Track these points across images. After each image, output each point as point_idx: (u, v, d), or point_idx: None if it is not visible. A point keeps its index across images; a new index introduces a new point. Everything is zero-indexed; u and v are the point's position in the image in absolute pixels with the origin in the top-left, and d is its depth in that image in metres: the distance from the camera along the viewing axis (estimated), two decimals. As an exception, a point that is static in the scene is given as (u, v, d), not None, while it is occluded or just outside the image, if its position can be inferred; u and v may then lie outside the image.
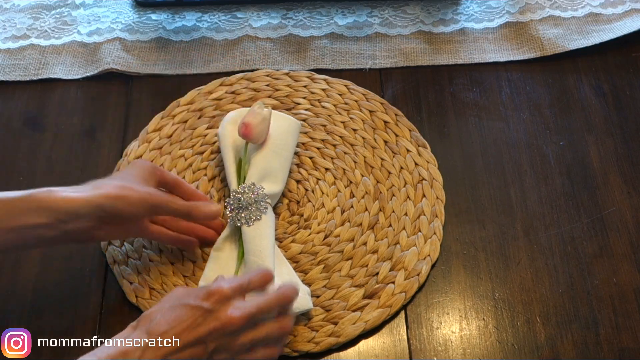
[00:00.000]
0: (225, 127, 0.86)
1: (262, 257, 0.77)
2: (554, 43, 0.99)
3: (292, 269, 0.80)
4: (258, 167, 0.82)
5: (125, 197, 0.71)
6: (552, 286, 0.81)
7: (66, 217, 0.69)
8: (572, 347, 0.77)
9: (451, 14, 1.03)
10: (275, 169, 0.83)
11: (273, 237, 0.80)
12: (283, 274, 0.78)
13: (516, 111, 0.95)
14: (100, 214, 0.71)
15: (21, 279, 0.82)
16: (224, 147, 0.85)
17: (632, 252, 0.83)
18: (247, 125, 0.81)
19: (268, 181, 0.82)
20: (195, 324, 0.64)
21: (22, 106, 0.96)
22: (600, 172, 0.90)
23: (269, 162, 0.83)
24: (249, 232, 0.79)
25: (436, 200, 0.86)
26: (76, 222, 0.70)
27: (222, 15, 1.04)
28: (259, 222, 0.79)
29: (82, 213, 0.70)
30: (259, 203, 0.80)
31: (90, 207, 0.70)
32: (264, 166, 0.82)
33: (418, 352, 0.78)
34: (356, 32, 1.02)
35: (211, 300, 0.65)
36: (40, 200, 0.69)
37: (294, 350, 0.77)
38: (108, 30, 1.02)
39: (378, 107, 0.94)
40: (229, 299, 0.66)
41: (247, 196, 0.80)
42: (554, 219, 0.86)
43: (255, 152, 0.83)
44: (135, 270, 0.82)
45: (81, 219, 0.70)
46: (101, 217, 0.71)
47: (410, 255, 0.82)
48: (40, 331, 0.78)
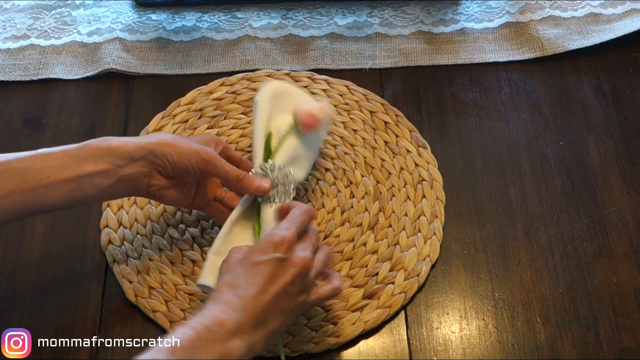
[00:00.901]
0: (267, 97, 0.82)
1: None
2: (554, 43, 0.99)
3: None
4: (289, 151, 0.80)
5: (176, 146, 0.73)
6: (552, 286, 0.81)
7: (122, 162, 0.72)
8: (572, 347, 0.77)
9: (451, 14, 1.03)
10: (303, 157, 0.82)
11: None
12: None
13: (516, 111, 0.95)
14: (152, 159, 0.73)
15: (21, 279, 0.82)
16: (260, 116, 0.81)
17: (632, 252, 0.83)
18: (316, 119, 0.79)
19: (295, 167, 0.80)
20: (277, 276, 0.66)
21: (22, 106, 0.96)
22: (600, 172, 0.90)
23: (302, 149, 0.81)
24: (269, 213, 0.77)
25: (436, 201, 0.86)
26: (131, 166, 0.72)
27: (222, 15, 1.04)
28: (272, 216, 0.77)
29: (136, 157, 0.72)
30: (286, 186, 0.78)
31: (143, 151, 0.72)
32: (295, 152, 0.80)
33: (418, 352, 0.78)
34: (356, 32, 1.02)
35: (282, 250, 0.67)
36: (96, 147, 0.71)
37: (293, 351, 0.77)
38: (108, 30, 1.03)
39: (378, 108, 0.94)
40: (294, 243, 0.68)
41: (276, 174, 0.78)
42: (554, 219, 0.86)
43: (289, 136, 0.81)
44: (135, 270, 0.82)
45: (136, 164, 0.72)
46: (155, 164, 0.73)
47: (410, 256, 0.82)
48: (40, 331, 0.79)
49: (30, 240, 0.85)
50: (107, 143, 0.72)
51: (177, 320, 0.78)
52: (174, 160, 0.74)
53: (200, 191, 0.80)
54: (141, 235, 0.84)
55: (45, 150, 0.71)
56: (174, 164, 0.74)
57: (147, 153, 0.73)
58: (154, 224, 0.85)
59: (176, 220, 0.85)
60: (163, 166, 0.74)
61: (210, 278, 0.74)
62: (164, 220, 0.85)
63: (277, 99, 0.82)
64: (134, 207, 0.86)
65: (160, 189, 0.76)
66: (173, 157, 0.73)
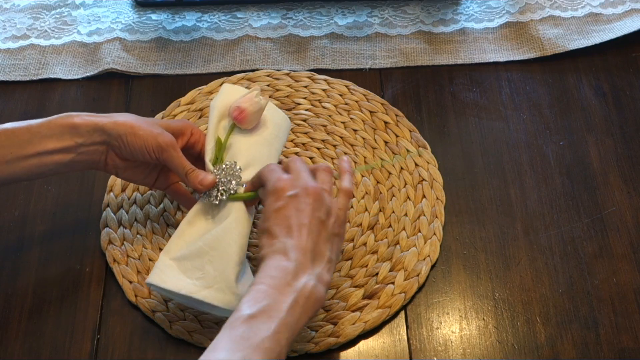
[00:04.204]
0: (220, 100, 0.80)
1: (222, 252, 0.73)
2: (554, 43, 0.99)
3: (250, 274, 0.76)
4: (245, 154, 0.78)
5: (134, 128, 0.74)
6: (552, 286, 0.81)
7: (81, 139, 0.74)
8: (572, 347, 0.77)
9: (451, 14, 1.03)
10: (263, 157, 0.78)
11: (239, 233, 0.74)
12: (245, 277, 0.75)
13: (516, 111, 0.95)
14: (108, 140, 0.74)
15: (21, 279, 0.82)
16: (210, 120, 0.79)
17: (632, 252, 0.83)
18: (242, 111, 0.78)
19: (253, 169, 0.77)
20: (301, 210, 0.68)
21: (22, 106, 0.96)
22: (600, 172, 0.90)
23: (259, 150, 0.78)
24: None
25: (436, 201, 0.86)
26: (90, 144, 0.74)
27: (222, 15, 1.04)
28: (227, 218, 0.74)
29: (94, 135, 0.74)
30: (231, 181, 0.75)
31: (101, 130, 0.74)
32: (252, 153, 0.78)
33: (418, 352, 0.78)
34: (356, 32, 1.02)
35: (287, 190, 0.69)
36: (59, 124, 0.73)
37: (293, 351, 0.77)
38: (108, 30, 1.03)
39: (378, 108, 0.94)
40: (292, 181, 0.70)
41: (221, 171, 0.76)
42: (554, 219, 0.86)
43: (245, 137, 0.79)
44: (135, 270, 0.82)
45: (94, 141, 0.74)
46: (110, 145, 0.75)
47: (410, 256, 0.82)
48: (40, 331, 0.79)
49: (30, 240, 0.85)
50: (69, 120, 0.74)
51: (177, 320, 0.79)
52: (129, 142, 0.74)
53: (163, 175, 0.81)
54: (141, 235, 0.84)
55: (8, 125, 0.73)
56: (128, 145, 0.74)
57: (104, 132, 0.74)
58: (153, 224, 0.85)
59: (176, 220, 0.85)
60: (118, 147, 0.75)
61: (156, 277, 0.72)
62: (164, 220, 0.85)
63: (227, 102, 0.80)
64: (134, 207, 0.86)
65: (116, 167, 0.77)
66: (128, 138, 0.74)
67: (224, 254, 0.72)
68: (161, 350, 0.78)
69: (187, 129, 0.79)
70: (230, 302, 0.71)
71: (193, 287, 0.72)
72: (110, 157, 0.76)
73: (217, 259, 0.72)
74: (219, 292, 0.71)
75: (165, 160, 0.76)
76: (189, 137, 0.80)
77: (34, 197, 0.88)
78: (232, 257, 0.72)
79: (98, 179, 0.89)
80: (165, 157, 0.75)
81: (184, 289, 0.72)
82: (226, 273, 0.72)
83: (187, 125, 0.80)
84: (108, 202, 0.87)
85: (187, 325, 0.78)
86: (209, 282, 0.72)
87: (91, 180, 0.89)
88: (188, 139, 0.80)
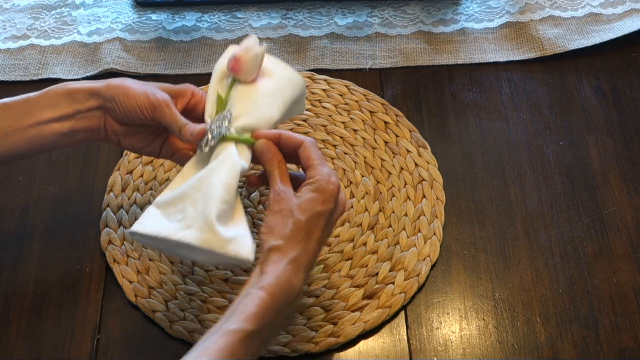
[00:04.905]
0: (222, 61, 0.77)
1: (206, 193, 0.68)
2: (554, 43, 0.99)
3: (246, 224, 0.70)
4: (242, 100, 0.73)
5: (126, 88, 0.73)
6: (552, 286, 0.81)
7: (78, 105, 0.73)
8: (572, 347, 0.77)
9: (451, 14, 1.03)
10: (264, 106, 0.73)
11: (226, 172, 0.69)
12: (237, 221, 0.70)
13: (516, 111, 0.95)
14: (103, 103, 0.73)
15: (21, 279, 0.82)
16: (213, 77, 0.76)
17: (632, 252, 0.83)
18: (238, 60, 0.73)
19: (250, 116, 0.72)
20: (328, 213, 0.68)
21: (22, 106, 0.96)
22: (600, 172, 0.90)
23: (258, 98, 0.73)
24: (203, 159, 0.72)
25: (436, 201, 0.86)
26: (87, 112, 0.74)
27: (222, 15, 1.04)
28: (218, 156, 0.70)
29: (91, 99, 0.73)
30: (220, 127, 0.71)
31: (95, 93, 0.73)
32: (251, 100, 0.73)
33: (418, 352, 0.78)
34: (356, 32, 1.02)
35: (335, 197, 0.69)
36: (55, 93, 0.73)
37: (293, 351, 0.77)
38: (108, 30, 1.03)
39: (378, 108, 0.94)
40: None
41: (215, 120, 0.72)
42: (554, 219, 0.86)
43: (245, 87, 0.74)
44: (135, 270, 0.82)
45: (91, 106, 0.74)
46: (105, 108, 0.74)
47: (410, 256, 0.82)
48: (40, 331, 0.79)
49: (30, 240, 0.85)
50: (65, 88, 0.73)
51: (177, 320, 0.79)
52: (122, 102, 0.73)
53: (167, 142, 0.78)
54: (141, 235, 0.84)
55: (6, 100, 0.73)
56: (121, 106, 0.73)
57: (99, 95, 0.73)
58: (154, 224, 0.85)
59: (176, 220, 0.85)
60: (113, 109, 0.73)
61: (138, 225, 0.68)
62: (164, 220, 0.85)
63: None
64: (134, 207, 0.86)
65: (117, 134, 0.76)
66: (121, 99, 0.73)
67: (206, 193, 0.67)
68: (161, 350, 0.78)
69: (187, 90, 0.77)
70: (210, 242, 0.66)
71: (172, 229, 0.67)
72: (108, 122, 0.75)
73: (200, 199, 0.67)
74: (197, 231, 0.66)
75: (159, 118, 0.73)
76: (190, 99, 0.77)
77: (34, 197, 0.88)
78: (213, 195, 0.67)
79: (98, 178, 0.89)
80: (158, 115, 0.73)
81: (163, 231, 0.67)
82: (206, 211, 0.66)
83: (187, 87, 0.78)
84: (108, 202, 0.87)
85: (187, 325, 0.78)
86: (188, 223, 0.67)
87: (91, 180, 0.89)
88: (189, 101, 0.77)
